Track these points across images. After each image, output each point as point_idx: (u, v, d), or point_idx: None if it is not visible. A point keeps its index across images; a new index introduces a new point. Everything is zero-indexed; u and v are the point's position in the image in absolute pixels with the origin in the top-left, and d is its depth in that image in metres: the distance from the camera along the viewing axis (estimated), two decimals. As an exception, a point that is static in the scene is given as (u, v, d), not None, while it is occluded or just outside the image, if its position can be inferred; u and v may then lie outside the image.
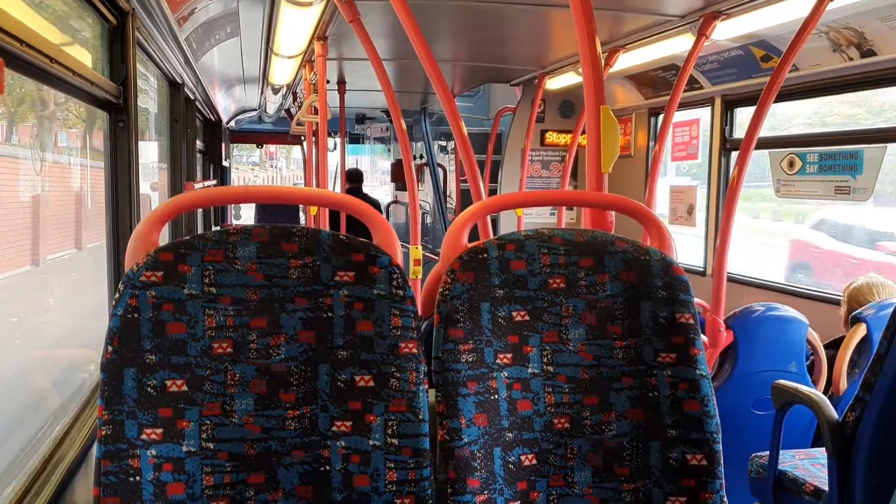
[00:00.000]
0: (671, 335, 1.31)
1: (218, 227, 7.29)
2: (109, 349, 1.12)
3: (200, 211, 5.64)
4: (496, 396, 1.26)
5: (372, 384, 1.20)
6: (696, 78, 3.98)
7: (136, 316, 1.13)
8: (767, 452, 2.19)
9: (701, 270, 4.22)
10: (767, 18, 2.94)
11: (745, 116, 3.96)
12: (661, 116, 4.60)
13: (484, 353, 1.27)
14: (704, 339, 2.51)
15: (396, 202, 8.97)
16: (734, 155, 3.96)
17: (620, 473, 1.29)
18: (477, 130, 6.55)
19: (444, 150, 8.32)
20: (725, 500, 1.28)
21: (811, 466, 2.19)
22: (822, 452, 2.12)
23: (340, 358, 1.20)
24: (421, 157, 7.67)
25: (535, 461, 1.27)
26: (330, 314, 1.21)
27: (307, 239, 1.22)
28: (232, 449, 1.16)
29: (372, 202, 6.58)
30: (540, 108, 4.97)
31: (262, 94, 6.34)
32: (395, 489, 1.17)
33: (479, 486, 1.21)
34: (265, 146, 13.14)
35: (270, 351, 1.19)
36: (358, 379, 1.20)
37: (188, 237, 1.18)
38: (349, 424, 1.19)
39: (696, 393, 1.29)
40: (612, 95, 4.91)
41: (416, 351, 1.21)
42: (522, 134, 5.02)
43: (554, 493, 1.28)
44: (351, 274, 1.22)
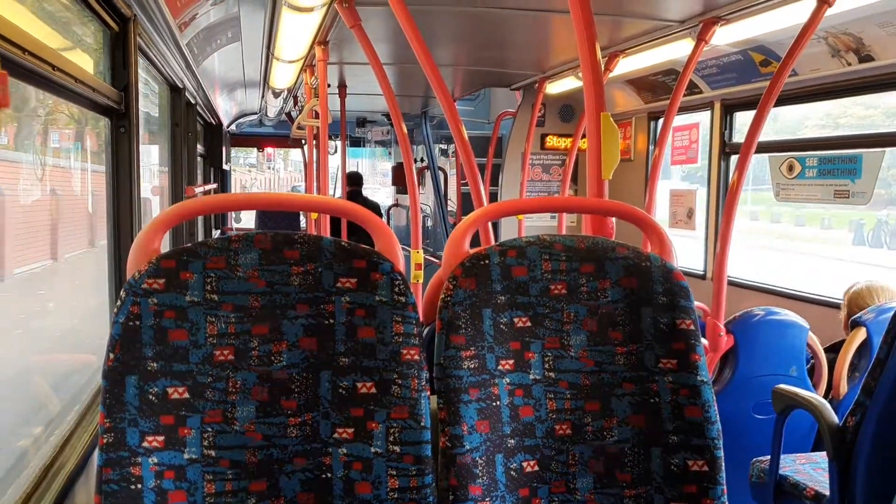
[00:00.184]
0: (672, 341, 1.31)
1: (218, 231, 7.30)
2: (111, 356, 1.12)
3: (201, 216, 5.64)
4: (498, 403, 1.26)
5: (374, 391, 1.20)
6: (695, 82, 3.98)
7: (137, 323, 1.13)
8: (768, 457, 2.19)
9: (701, 274, 4.23)
10: (766, 24, 2.94)
11: (744, 121, 3.97)
12: (660, 121, 4.61)
13: (486, 359, 1.27)
14: (705, 342, 2.51)
15: (397, 205, 8.98)
16: (734, 159, 3.97)
17: (622, 479, 1.29)
18: (477, 134, 6.56)
19: (444, 153, 8.33)
20: None
21: (812, 471, 2.19)
22: (822, 457, 2.12)
23: (342, 365, 1.20)
24: (422, 160, 7.67)
25: (536, 468, 1.27)
26: (332, 321, 1.21)
27: (309, 246, 1.22)
28: (233, 456, 1.16)
29: (372, 206, 6.59)
30: (540, 112, 4.98)
31: (262, 97, 6.35)
32: (396, 496, 1.17)
33: (481, 493, 1.21)
34: (260, 148, 13.09)
35: (272, 358, 1.19)
36: (360, 386, 1.20)
37: (190, 244, 1.18)
38: (351, 431, 1.19)
39: (697, 399, 1.29)
40: (611, 100, 4.92)
41: (417, 357, 1.21)
42: (523, 138, 5.03)
43: (556, 499, 1.28)
44: (353, 280, 1.22)
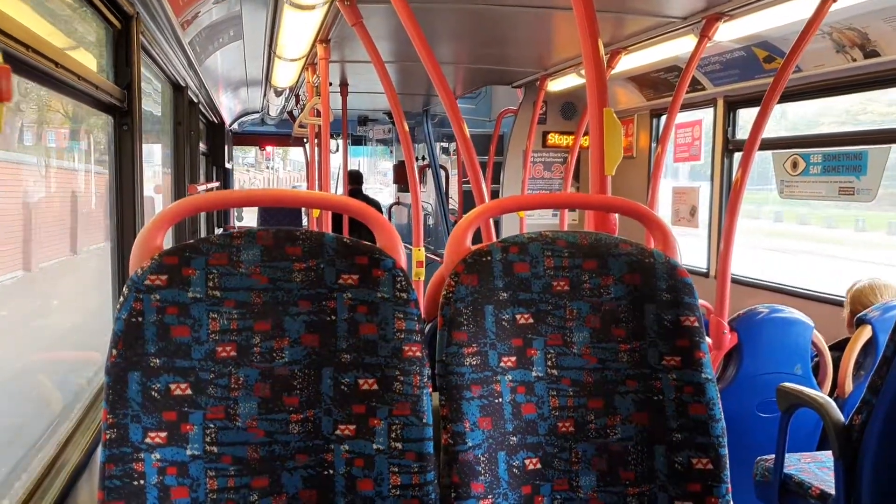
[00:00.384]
0: (676, 338, 1.30)
1: (220, 228, 7.30)
2: (114, 353, 1.12)
3: (203, 213, 5.64)
4: (500, 400, 1.26)
5: (376, 388, 1.19)
6: (698, 79, 3.97)
7: (140, 319, 1.13)
8: (772, 455, 2.18)
9: (704, 272, 4.21)
10: (770, 20, 2.93)
11: (747, 118, 3.95)
12: (663, 118, 4.59)
13: (488, 356, 1.26)
14: (708, 340, 2.50)
15: (399, 203, 8.98)
16: (737, 156, 3.96)
17: (625, 478, 1.28)
18: (479, 132, 6.55)
19: (445, 151, 8.32)
20: None
21: (817, 470, 2.18)
22: (828, 456, 2.11)
23: (344, 361, 1.20)
24: (423, 158, 7.67)
25: (539, 465, 1.27)
26: (333, 317, 1.21)
27: (311, 242, 1.22)
28: (236, 453, 1.16)
29: (372, 204, 6.59)
30: (542, 109, 4.97)
31: (264, 96, 6.35)
32: (398, 493, 1.17)
33: (483, 490, 1.21)
34: (262, 147, 13.06)
35: (274, 354, 1.19)
36: (361, 382, 1.20)
37: (192, 241, 1.18)
38: (353, 428, 1.19)
39: (701, 396, 1.28)
40: (613, 97, 4.91)
41: (419, 354, 1.21)
42: (524, 135, 5.02)
43: (558, 497, 1.27)
44: (355, 277, 1.21)
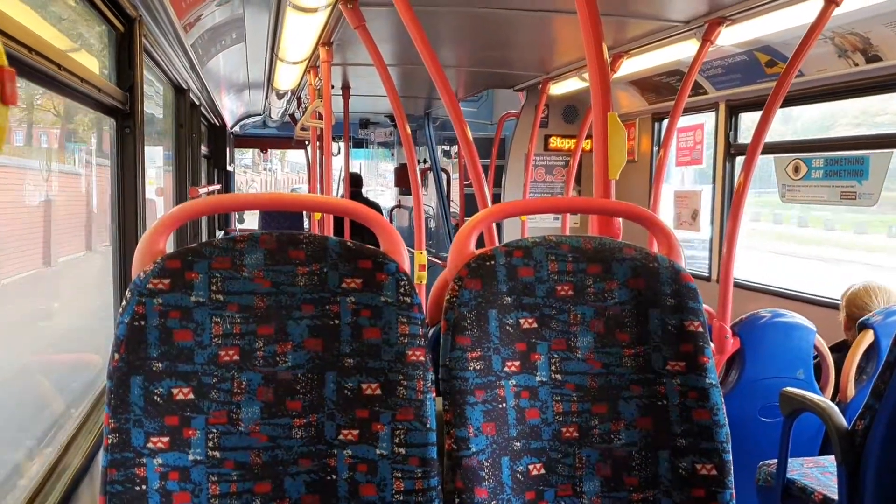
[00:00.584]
0: (680, 343, 1.30)
1: (222, 231, 7.30)
2: (116, 357, 1.11)
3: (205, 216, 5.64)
4: (504, 405, 1.25)
5: (379, 392, 1.19)
6: (700, 83, 3.97)
7: (142, 323, 1.13)
8: (775, 460, 2.17)
9: (706, 276, 4.21)
10: (772, 24, 2.93)
11: (749, 122, 3.95)
12: (665, 122, 4.59)
13: (492, 360, 1.26)
14: (711, 345, 2.49)
15: (400, 206, 8.97)
16: (738, 160, 3.95)
17: (629, 483, 1.28)
18: (481, 135, 6.55)
19: (447, 154, 8.32)
20: None
21: (820, 475, 2.17)
22: (830, 461, 2.10)
23: (347, 366, 1.20)
24: (424, 161, 7.67)
25: (543, 470, 1.26)
26: (337, 321, 1.20)
27: (314, 246, 1.21)
28: (238, 457, 1.15)
29: (372, 206, 6.59)
30: (544, 113, 4.97)
31: (266, 99, 6.35)
32: (402, 499, 1.16)
33: (487, 496, 1.20)
34: (263, 149, 13.03)
35: (277, 358, 1.18)
36: (365, 387, 1.19)
37: (195, 244, 1.17)
38: (356, 433, 1.18)
39: (705, 402, 1.28)
40: (615, 100, 4.91)
41: (423, 359, 1.21)
42: (526, 139, 5.02)
43: (563, 502, 1.26)
44: (358, 281, 1.21)
